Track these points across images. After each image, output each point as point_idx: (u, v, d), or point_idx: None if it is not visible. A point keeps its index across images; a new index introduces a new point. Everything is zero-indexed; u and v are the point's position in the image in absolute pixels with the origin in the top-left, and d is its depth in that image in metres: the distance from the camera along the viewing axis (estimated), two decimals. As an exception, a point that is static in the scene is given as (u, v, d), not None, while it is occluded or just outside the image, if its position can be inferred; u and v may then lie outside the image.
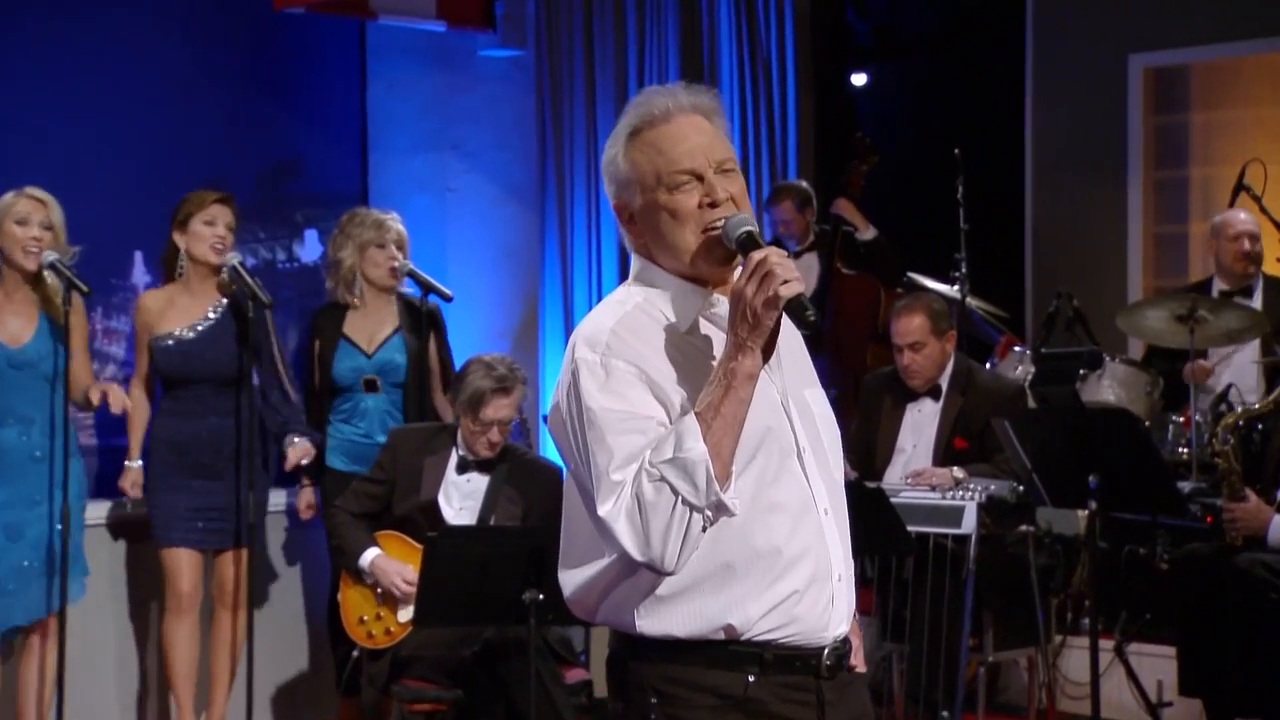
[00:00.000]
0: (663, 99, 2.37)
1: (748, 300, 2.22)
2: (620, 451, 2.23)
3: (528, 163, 8.49)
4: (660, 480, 2.19)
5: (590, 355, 2.28)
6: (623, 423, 2.24)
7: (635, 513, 2.20)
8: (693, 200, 2.32)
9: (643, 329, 2.32)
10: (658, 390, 2.27)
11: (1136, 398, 6.68)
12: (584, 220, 8.49)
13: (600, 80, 8.43)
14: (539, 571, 4.50)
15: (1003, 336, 7.39)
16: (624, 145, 2.38)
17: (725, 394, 2.21)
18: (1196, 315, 6.37)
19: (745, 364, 2.22)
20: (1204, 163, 8.52)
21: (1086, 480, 5.09)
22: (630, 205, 2.38)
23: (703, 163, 2.33)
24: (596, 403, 2.25)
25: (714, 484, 2.18)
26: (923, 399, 5.97)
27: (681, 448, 2.19)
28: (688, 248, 2.33)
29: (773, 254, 2.23)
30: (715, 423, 2.21)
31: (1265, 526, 5.18)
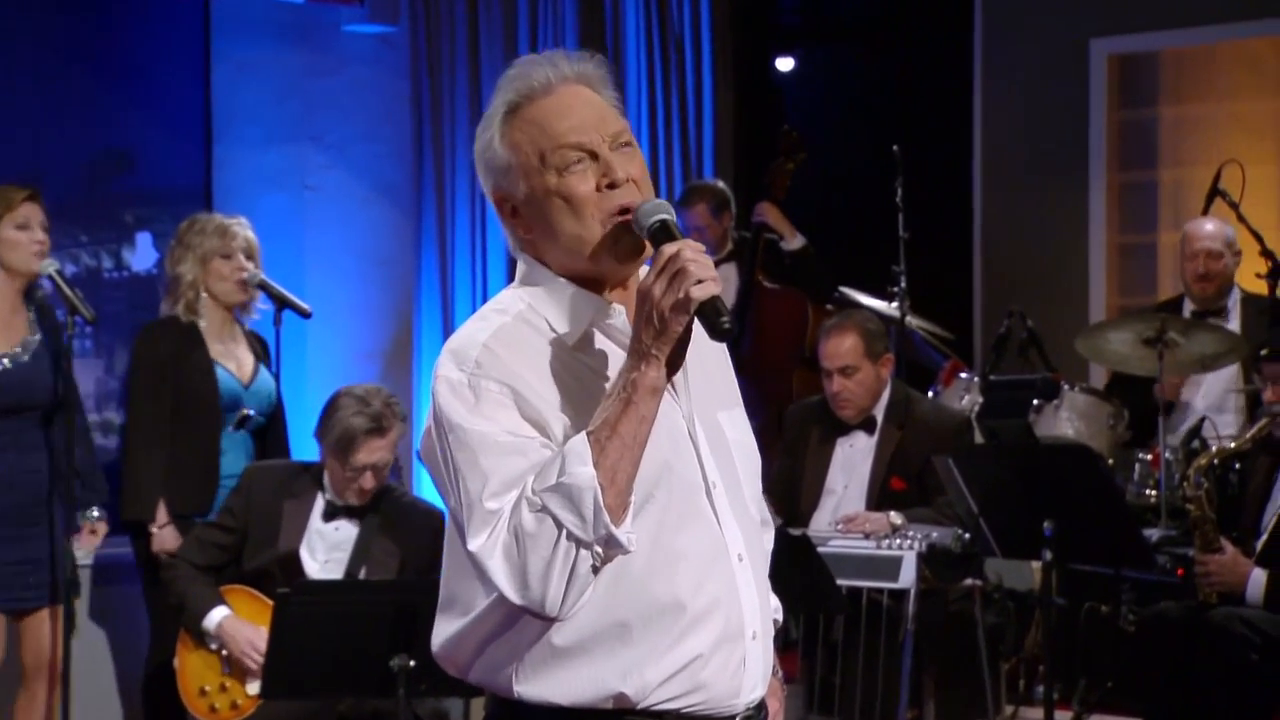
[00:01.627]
0: (541, 69, 2.35)
1: (655, 300, 2.20)
2: (496, 476, 2.21)
3: (401, 157, 8.45)
4: (542, 510, 2.17)
5: (457, 374, 2.26)
6: (500, 443, 2.22)
7: (512, 547, 2.18)
8: (588, 182, 2.30)
9: (522, 343, 2.30)
10: (535, 416, 2.25)
11: (1098, 432, 6.76)
12: (467, 223, 8.45)
13: (486, 61, 8.41)
14: (410, 633, 4.47)
15: (947, 361, 7.45)
16: (500, 126, 2.35)
17: (624, 410, 2.20)
18: (1166, 338, 6.46)
19: (649, 375, 2.21)
20: (1175, 163, 8.66)
21: (1041, 527, 5.14)
22: (513, 195, 2.35)
23: (595, 138, 2.31)
24: (468, 422, 2.24)
25: (603, 514, 2.17)
26: (855, 432, 5.99)
27: (567, 472, 2.17)
28: (588, 238, 2.31)
29: (687, 248, 2.22)
30: (610, 444, 2.19)
31: (1243, 582, 5.25)
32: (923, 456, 5.80)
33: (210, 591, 5.21)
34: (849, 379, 5.91)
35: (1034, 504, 5.18)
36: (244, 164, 8.26)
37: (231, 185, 8.16)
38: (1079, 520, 5.15)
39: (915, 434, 5.91)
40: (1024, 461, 5.31)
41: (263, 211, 7.04)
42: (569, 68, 2.36)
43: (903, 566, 5.47)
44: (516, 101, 2.35)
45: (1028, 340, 7.21)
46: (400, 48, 8.44)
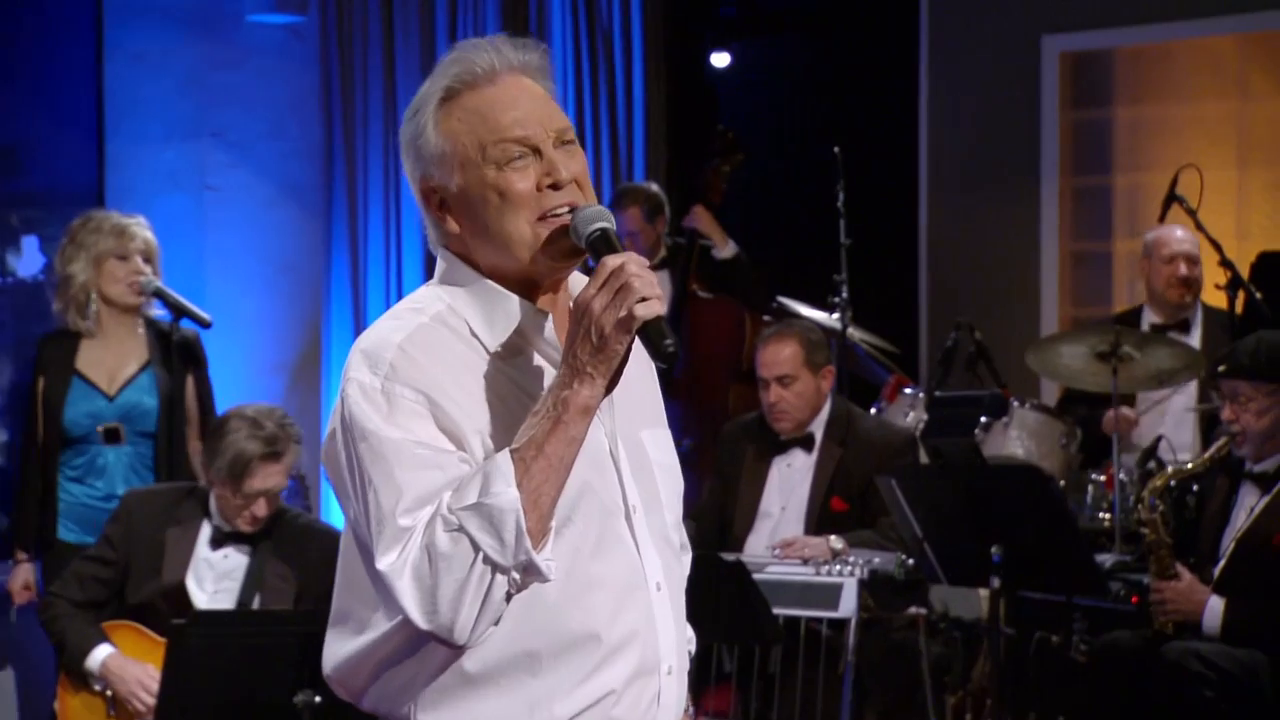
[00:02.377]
0: (485, 54, 2.35)
1: (595, 316, 2.20)
2: (411, 490, 2.20)
3: (309, 155, 8.42)
4: (459, 530, 2.17)
5: (369, 378, 2.26)
6: (417, 456, 2.21)
7: (424, 567, 2.17)
8: (528, 179, 2.31)
9: (439, 347, 2.29)
10: (451, 428, 2.25)
11: (1049, 452, 6.79)
12: (381, 227, 8.42)
13: (401, 54, 8.39)
14: (316, 667, 4.40)
15: (891, 376, 7.47)
16: (435, 111, 2.35)
17: (552, 429, 2.20)
18: (1121, 353, 6.50)
19: (582, 394, 2.21)
20: (1130, 168, 8.73)
21: (989, 552, 5.15)
22: (444, 187, 2.35)
23: (539, 133, 2.32)
24: (381, 431, 2.22)
25: (525, 539, 2.17)
26: (793, 450, 6.00)
27: (489, 492, 2.17)
28: (522, 239, 2.31)
29: (632, 262, 2.22)
30: (536, 464, 2.19)
31: (1200, 610, 5.28)
32: (865, 476, 5.81)
33: (92, 629, 5.12)
34: (786, 389, 5.92)
35: (981, 528, 5.19)
36: (140, 163, 8.21)
37: (126, 185, 8.11)
38: (1029, 545, 5.17)
39: (857, 452, 5.92)
40: (971, 482, 5.33)
41: (160, 213, 6.98)
42: (514, 56, 2.37)
43: (843, 594, 5.48)
44: (455, 87, 2.35)
45: (976, 354, 7.24)
46: (309, 39, 8.41)
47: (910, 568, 5.53)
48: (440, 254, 2.41)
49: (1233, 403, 5.27)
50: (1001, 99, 8.74)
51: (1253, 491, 5.34)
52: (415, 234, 8.44)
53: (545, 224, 2.30)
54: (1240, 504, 5.37)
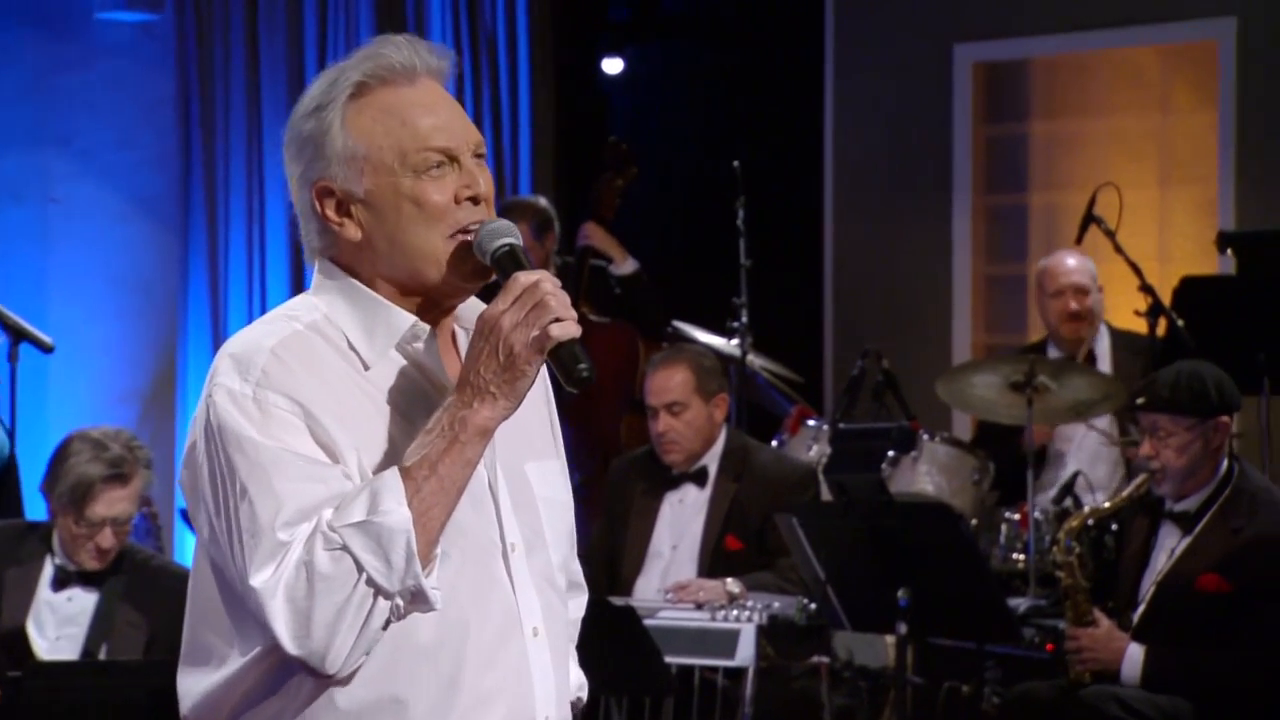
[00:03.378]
0: (404, 51, 2.36)
1: (504, 334, 2.22)
2: (292, 502, 2.19)
3: (164, 166, 8.36)
4: (341, 549, 2.16)
5: (239, 385, 2.25)
6: (297, 466, 2.21)
7: (299, 587, 2.16)
8: (445, 190, 2.32)
9: (314, 356, 2.29)
10: (327, 442, 2.24)
11: (961, 488, 6.82)
12: (243, 244, 8.37)
13: (266, 56, 8.36)
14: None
15: (794, 406, 7.49)
16: (344, 107, 2.34)
17: (448, 449, 2.20)
18: (1036, 383, 6.55)
19: (481, 414, 2.22)
20: (1047, 186, 8.81)
21: (895, 597, 5.17)
22: (348, 190, 2.34)
23: (460, 143, 2.33)
24: (256, 439, 2.21)
25: (415, 562, 2.17)
26: (685, 485, 6.00)
27: (378, 509, 2.17)
28: (433, 253, 2.31)
29: (547, 280, 2.24)
30: (427, 484, 2.20)
31: (1119, 658, 5.32)
32: (762, 514, 5.82)
33: (-87, 681, 5.04)
34: (676, 418, 5.93)
35: (888, 570, 5.21)
36: (-25, 172, 8.11)
37: (-39, 197, 8.02)
38: (938, 589, 5.19)
39: (753, 488, 5.93)
40: (877, 521, 5.34)
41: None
42: (432, 59, 2.38)
43: (740, 641, 5.48)
44: (368, 82, 2.34)
45: (883, 383, 7.26)
46: (164, 39, 8.35)
47: (812, 612, 5.54)
48: (319, 263, 2.40)
49: (1152, 438, 5.30)
50: (911, 112, 8.80)
51: (1173, 532, 5.38)
52: (281, 251, 8.38)
53: (457, 240, 2.32)
54: (1160, 545, 5.41)
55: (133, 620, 5.09)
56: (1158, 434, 5.29)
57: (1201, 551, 5.28)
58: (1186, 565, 5.29)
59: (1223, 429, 5.28)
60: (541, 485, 2.45)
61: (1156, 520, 5.43)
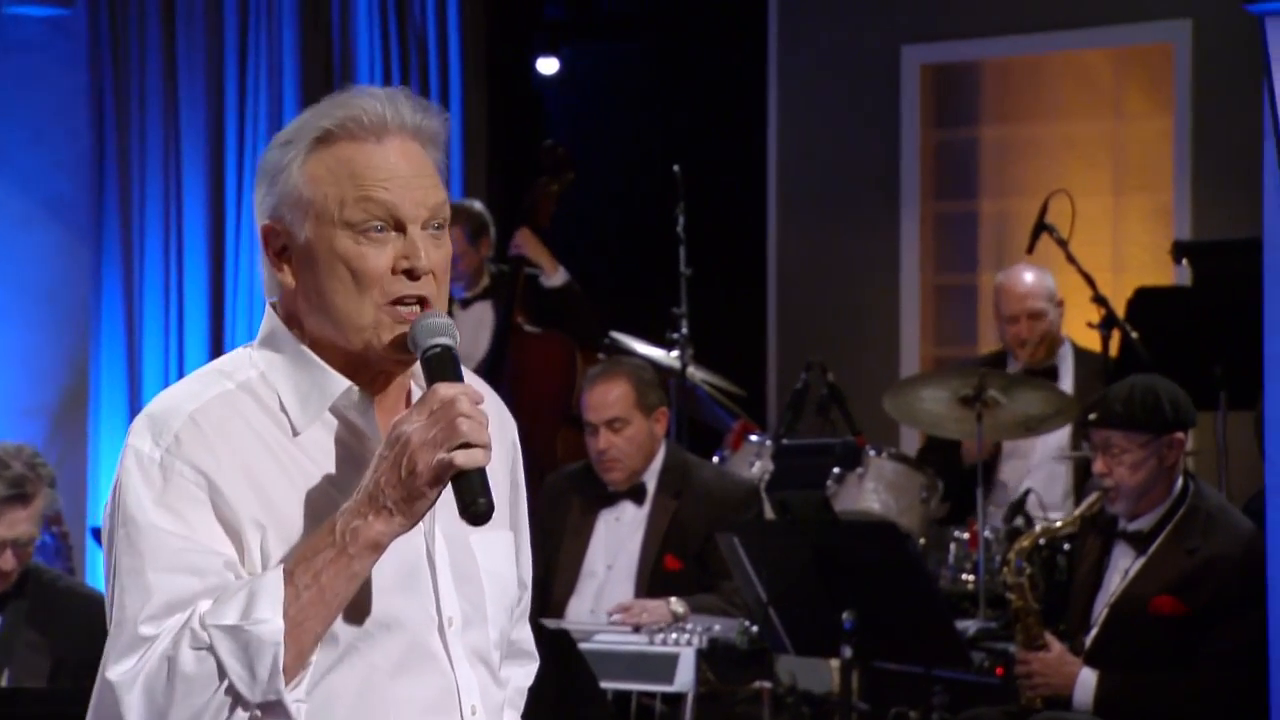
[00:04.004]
0: (377, 106, 2.33)
1: (410, 450, 2.19)
2: (160, 594, 2.19)
3: (76, 167, 8.31)
4: (208, 650, 2.16)
5: (149, 448, 2.25)
6: (176, 554, 2.21)
7: (158, 684, 2.17)
8: (383, 258, 2.29)
9: (234, 422, 2.28)
10: (229, 518, 2.24)
11: (908, 506, 6.84)
12: (160, 251, 8.32)
13: (184, 53, 8.32)
14: (73, 755, 4.34)
15: (735, 421, 7.50)
16: (305, 150, 2.33)
17: (334, 560, 2.19)
18: (986, 397, 6.57)
19: (374, 528, 2.20)
20: (998, 193, 8.85)
21: (839, 619, 5.18)
22: (290, 234, 2.33)
23: (409, 208, 2.31)
24: (146, 516, 2.22)
25: (279, 678, 2.16)
26: (621, 502, 6.01)
27: (250, 616, 2.16)
28: (360, 322, 2.29)
29: (465, 398, 2.21)
30: (306, 594, 2.18)
31: (1070, 683, 5.33)
32: (702, 532, 5.83)
33: None
34: (617, 434, 5.92)
35: (832, 591, 5.22)
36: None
37: None
38: (884, 610, 5.20)
39: (693, 505, 5.93)
40: (821, 540, 5.35)
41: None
42: (410, 116, 2.35)
43: (679, 666, 5.48)
44: (333, 131, 2.32)
45: (828, 397, 7.29)
46: (77, 35, 8.31)
47: (754, 636, 5.54)
48: (267, 310, 2.40)
49: (1105, 454, 5.32)
50: (858, 115, 8.83)
51: (1126, 552, 5.40)
52: (200, 260, 8.33)
53: (389, 312, 2.29)
54: (1113, 566, 5.43)
55: (36, 644, 5.04)
56: (1111, 451, 5.30)
57: (1156, 573, 5.29)
58: (1140, 587, 5.31)
59: (1178, 446, 5.31)
60: (486, 558, 2.44)
61: (1110, 540, 5.45)
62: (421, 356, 2.27)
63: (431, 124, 2.38)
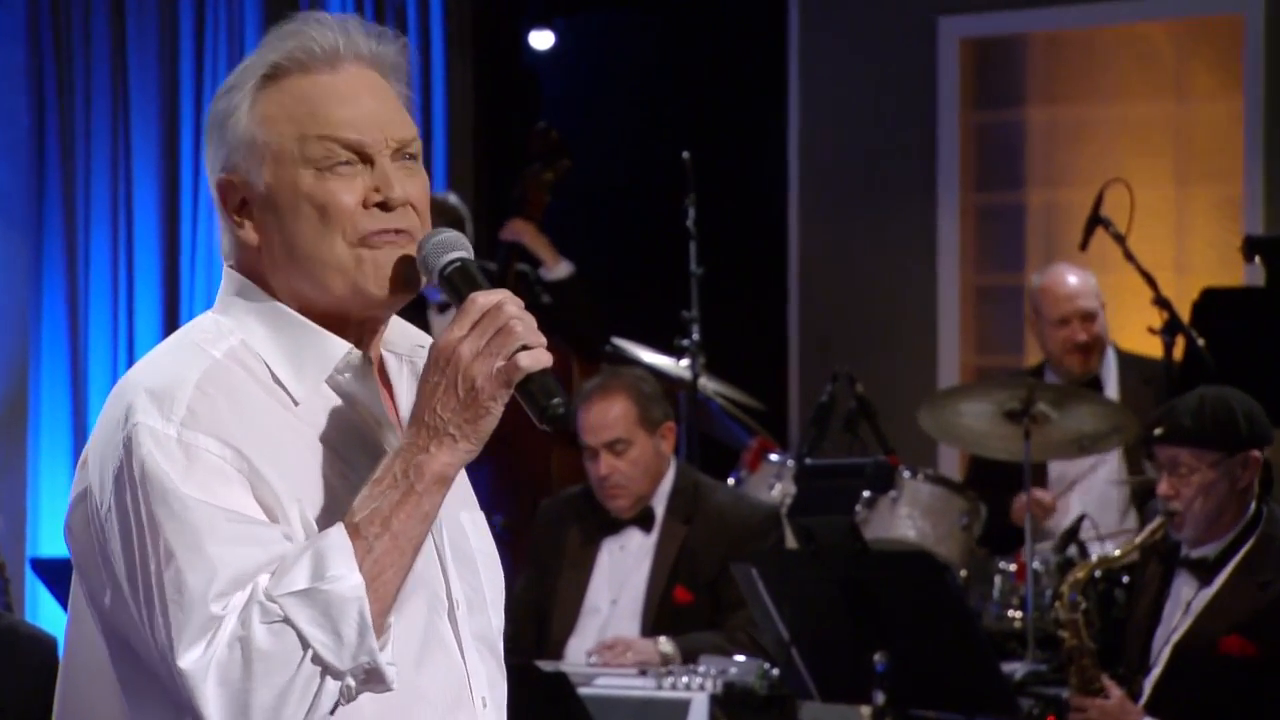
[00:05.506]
0: (329, 34, 2.36)
1: (464, 365, 2.21)
2: (226, 569, 2.18)
3: (13, 154, 8.33)
4: (283, 622, 2.16)
5: (161, 425, 2.23)
6: (230, 525, 2.20)
7: (234, 668, 2.16)
8: (352, 192, 2.31)
9: (241, 391, 2.29)
10: (265, 493, 2.24)
11: (947, 534, 6.84)
12: (107, 246, 8.33)
13: (133, 25, 8.33)
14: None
15: (753, 438, 7.49)
16: (254, 91, 2.35)
17: (402, 501, 2.21)
18: (1035, 411, 6.56)
19: (440, 459, 2.22)
20: (1047, 182, 8.84)
21: (871, 660, 5.16)
22: (249, 184, 2.35)
23: (376, 138, 2.33)
24: (186, 489, 2.20)
25: (370, 636, 2.17)
26: (627, 530, 6.01)
27: (324, 575, 2.16)
28: (336, 263, 2.31)
29: (510, 302, 2.24)
30: (380, 544, 2.20)
31: (1130, 734, 5.33)
32: (717, 562, 5.83)
33: None
34: (620, 457, 5.92)
35: (863, 630, 5.21)
36: None
37: None
38: (921, 651, 5.19)
39: (707, 532, 5.93)
40: (849, 572, 5.34)
41: None
42: (365, 43, 2.37)
43: (690, 713, 5.47)
44: (285, 65, 2.35)
45: (857, 412, 7.27)
46: (13, 6, 8.31)
47: (774, 679, 5.53)
48: (226, 274, 2.41)
49: (1171, 475, 5.30)
50: (889, 95, 8.82)
51: (1189, 582, 5.37)
52: (152, 257, 8.35)
53: (366, 249, 2.31)
54: (1175, 598, 5.41)
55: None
56: (1178, 471, 5.28)
57: (1224, 609, 5.28)
58: (1207, 624, 5.29)
59: (1253, 465, 5.28)
60: (477, 538, 2.47)
61: (1170, 568, 5.43)
62: (440, 275, 2.30)
63: (388, 50, 2.40)
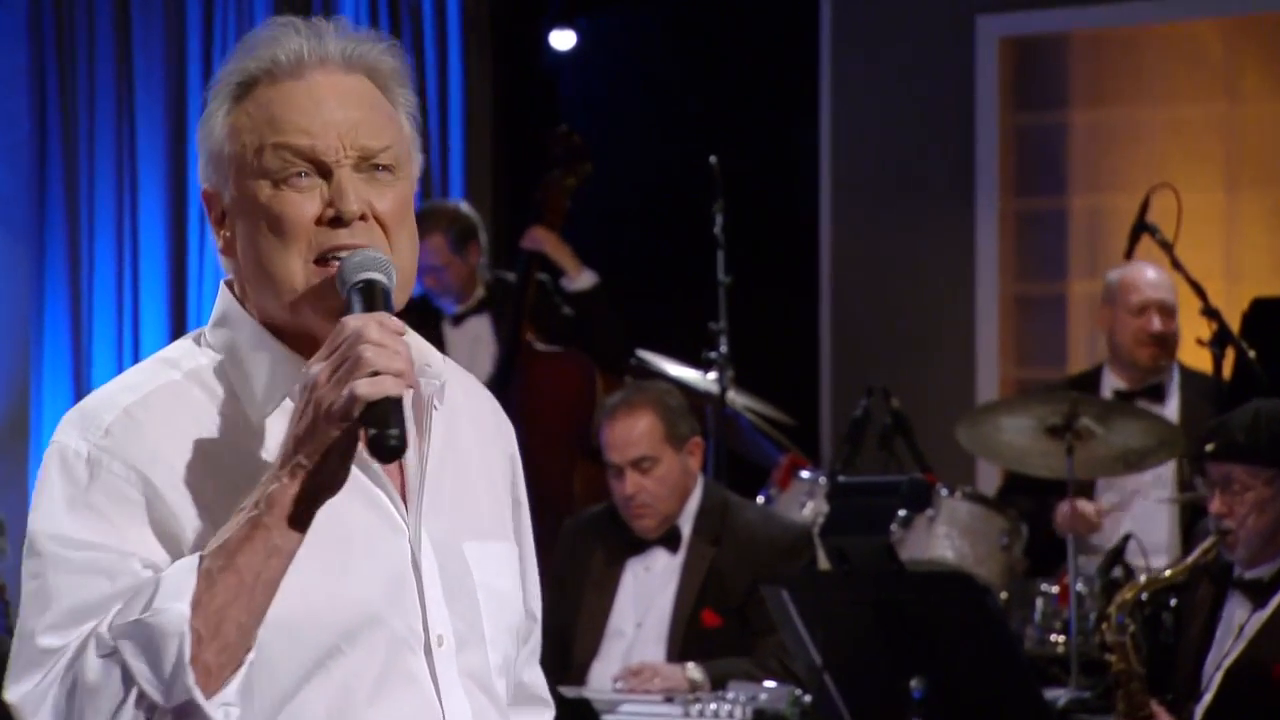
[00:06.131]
0: (294, 40, 2.36)
1: (317, 391, 2.20)
2: (64, 601, 2.21)
3: (14, 158, 8.34)
4: (111, 655, 2.17)
5: (76, 442, 2.29)
6: (80, 554, 2.22)
7: (63, 701, 2.18)
8: (308, 205, 2.32)
9: (182, 414, 2.31)
10: (166, 521, 2.26)
11: (987, 554, 6.83)
12: (112, 256, 8.35)
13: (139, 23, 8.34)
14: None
15: (784, 455, 7.49)
16: (228, 101, 2.37)
17: (249, 534, 2.19)
18: (1078, 426, 6.54)
19: (289, 491, 2.21)
20: (1090, 187, 8.83)
21: (907, 687, 5.15)
22: (220, 195, 2.38)
23: (332, 146, 2.32)
24: (52, 521, 2.24)
25: (186, 673, 2.15)
26: (652, 550, 6.00)
27: (152, 606, 2.16)
28: (289, 280, 2.32)
29: (374, 326, 2.21)
30: (222, 578, 2.18)
31: (1182, 767, 5.32)
32: (746, 584, 5.83)
33: None
34: (646, 475, 5.91)
35: (898, 654, 5.20)
36: None
37: None
38: (959, 677, 5.18)
39: (736, 552, 5.92)
40: (884, 594, 5.33)
41: None
42: (336, 45, 2.37)
43: (719, 742, 5.47)
44: (254, 76, 2.36)
45: (892, 427, 7.28)
46: (17, 10, 8.32)
47: (806, 706, 5.52)
48: (220, 288, 2.44)
49: (1224, 492, 5.29)
50: (925, 97, 8.81)
51: (1243, 604, 5.37)
52: (158, 263, 8.35)
53: (322, 269, 2.31)
54: (1227, 621, 5.40)
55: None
56: (1231, 488, 5.27)
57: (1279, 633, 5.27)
58: (1261, 649, 5.28)
59: (1311, 482, 5.28)
60: (482, 570, 2.45)
61: (1222, 590, 5.42)
62: (345, 294, 2.28)
63: (369, 51, 2.40)
